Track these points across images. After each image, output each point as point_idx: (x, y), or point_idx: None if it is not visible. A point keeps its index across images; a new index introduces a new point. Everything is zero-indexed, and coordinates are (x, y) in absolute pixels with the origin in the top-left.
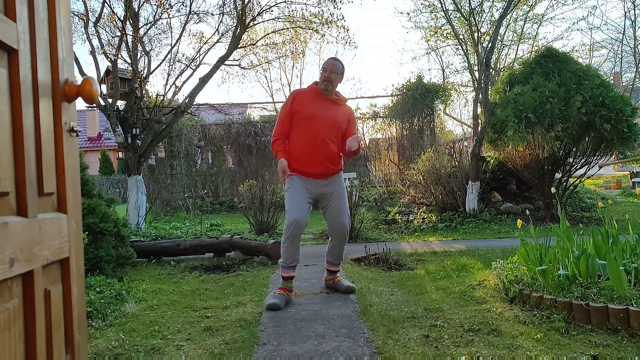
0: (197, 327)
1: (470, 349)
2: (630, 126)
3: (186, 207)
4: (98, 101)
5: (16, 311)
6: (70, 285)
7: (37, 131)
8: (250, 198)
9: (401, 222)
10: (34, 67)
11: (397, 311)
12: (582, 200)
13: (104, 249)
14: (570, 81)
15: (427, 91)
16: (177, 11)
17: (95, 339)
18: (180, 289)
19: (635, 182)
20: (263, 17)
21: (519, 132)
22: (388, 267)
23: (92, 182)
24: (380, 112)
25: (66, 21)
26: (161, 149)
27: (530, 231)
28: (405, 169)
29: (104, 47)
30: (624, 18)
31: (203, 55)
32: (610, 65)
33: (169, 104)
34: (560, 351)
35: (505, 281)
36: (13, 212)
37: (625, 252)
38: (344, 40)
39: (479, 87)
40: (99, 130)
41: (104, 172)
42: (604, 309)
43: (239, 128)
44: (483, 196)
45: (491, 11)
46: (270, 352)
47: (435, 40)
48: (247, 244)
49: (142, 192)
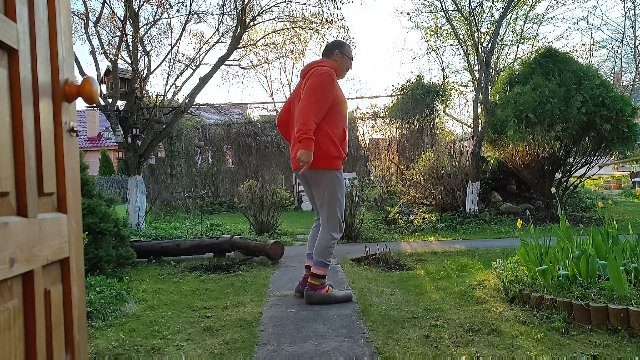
0: (197, 327)
1: (470, 349)
2: (630, 126)
3: (186, 207)
4: (98, 101)
5: (16, 311)
6: (70, 285)
7: (37, 131)
8: (250, 198)
9: (401, 222)
10: (34, 67)
11: (397, 311)
12: (582, 200)
13: (104, 249)
14: (571, 81)
15: (427, 91)
16: (177, 11)
17: (95, 339)
18: (180, 289)
19: (635, 182)
20: (263, 17)
21: (519, 132)
22: (388, 267)
23: (92, 182)
24: (380, 112)
25: (66, 21)
26: (161, 149)
27: (530, 231)
28: (405, 169)
29: (104, 47)
30: (624, 18)
31: (203, 55)
32: (610, 65)
33: (169, 104)
34: (560, 351)
35: (505, 281)
36: (13, 212)
37: (625, 252)
38: (344, 40)
39: (479, 87)
40: (99, 130)
41: (104, 172)
42: (604, 309)
43: (239, 128)
44: (483, 196)
45: (491, 11)
46: (270, 352)
47: (435, 40)
48: (247, 244)
49: (142, 192)
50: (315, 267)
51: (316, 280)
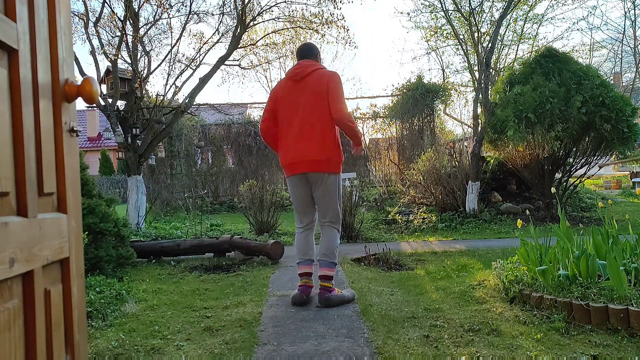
0: (197, 327)
1: (470, 349)
2: (630, 126)
3: (186, 207)
4: (98, 101)
5: (16, 311)
6: (70, 285)
7: (37, 131)
8: (250, 198)
9: (401, 222)
10: (34, 67)
11: (397, 311)
12: (582, 200)
13: (104, 249)
14: (571, 81)
15: (427, 91)
16: (177, 11)
17: (95, 339)
18: (180, 289)
19: (635, 182)
20: (263, 17)
21: (519, 132)
22: (388, 267)
23: (92, 182)
24: (380, 112)
25: (66, 21)
26: (161, 149)
27: (530, 231)
28: (405, 169)
29: (104, 47)
30: (624, 18)
31: (203, 55)
32: (610, 65)
33: (169, 104)
34: (560, 351)
35: (505, 281)
36: (13, 212)
37: (625, 252)
38: (344, 40)
39: (479, 87)
40: (99, 130)
41: (104, 172)
42: (604, 309)
43: (239, 128)
44: (483, 196)
45: (491, 11)
46: (270, 352)
47: (435, 40)
48: (247, 244)
49: (142, 192)
50: (327, 269)
51: (329, 282)
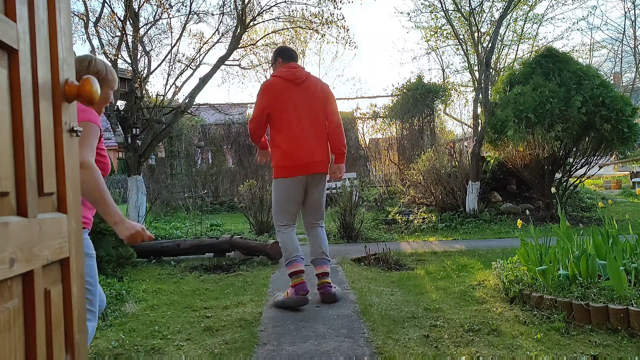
0: (197, 327)
1: (470, 349)
2: (630, 126)
3: (186, 207)
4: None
5: (16, 311)
6: (70, 285)
7: (37, 131)
8: (250, 198)
9: (401, 222)
10: (34, 67)
11: (397, 311)
12: (582, 200)
13: (104, 249)
14: (571, 81)
15: (427, 91)
16: (177, 11)
17: (95, 339)
18: (180, 289)
19: (635, 182)
20: (263, 17)
21: (519, 132)
22: (388, 267)
23: None
24: (380, 112)
25: (66, 21)
26: (161, 149)
27: (530, 231)
28: (405, 169)
29: (104, 47)
30: (624, 18)
31: (203, 55)
32: (610, 65)
33: (169, 104)
34: (560, 351)
35: (505, 281)
36: (13, 212)
37: (625, 252)
38: (344, 40)
39: (479, 87)
40: None
41: None
42: (604, 309)
43: (239, 128)
44: (483, 196)
45: (491, 11)
46: (270, 352)
47: (435, 40)
48: (247, 244)
49: (142, 192)
50: (327, 267)
51: (329, 279)
